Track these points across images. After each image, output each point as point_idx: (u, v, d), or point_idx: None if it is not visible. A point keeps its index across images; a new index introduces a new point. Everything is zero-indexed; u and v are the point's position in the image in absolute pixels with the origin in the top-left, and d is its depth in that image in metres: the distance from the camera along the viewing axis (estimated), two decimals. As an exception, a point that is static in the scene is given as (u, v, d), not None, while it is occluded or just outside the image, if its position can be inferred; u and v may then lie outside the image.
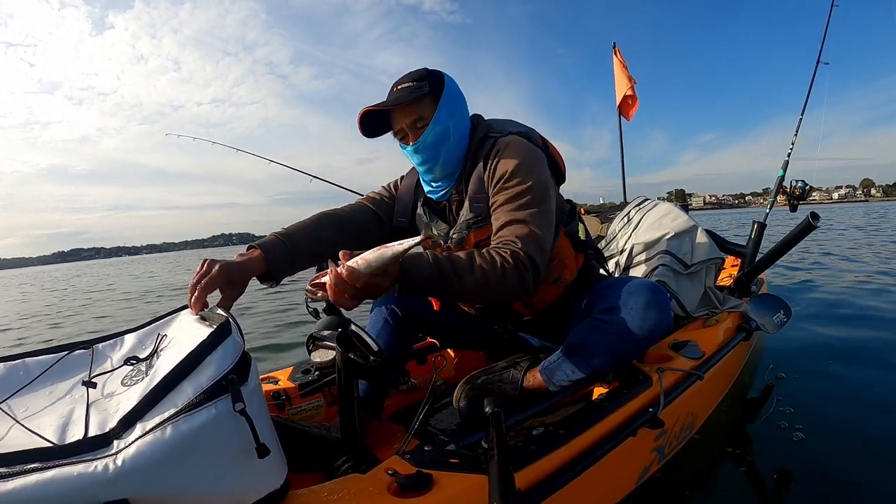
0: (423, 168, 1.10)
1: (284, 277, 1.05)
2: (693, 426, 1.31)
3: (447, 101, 1.05)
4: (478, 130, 1.11)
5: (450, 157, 1.08)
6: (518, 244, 0.93)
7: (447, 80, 1.07)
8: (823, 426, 1.45)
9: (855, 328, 2.57)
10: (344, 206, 1.21)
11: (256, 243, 1.03)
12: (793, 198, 1.95)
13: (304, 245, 1.06)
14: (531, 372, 1.18)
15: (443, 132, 1.05)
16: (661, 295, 1.04)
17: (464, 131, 1.09)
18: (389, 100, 1.04)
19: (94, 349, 0.91)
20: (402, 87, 1.04)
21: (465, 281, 0.87)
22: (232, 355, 0.66)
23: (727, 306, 1.71)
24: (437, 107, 1.04)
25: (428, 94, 1.03)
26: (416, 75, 1.05)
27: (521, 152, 1.03)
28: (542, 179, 1.02)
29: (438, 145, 1.06)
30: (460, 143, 1.08)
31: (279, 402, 1.29)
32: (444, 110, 1.04)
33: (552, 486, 0.79)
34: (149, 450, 0.56)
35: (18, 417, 0.70)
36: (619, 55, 3.78)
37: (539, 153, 1.07)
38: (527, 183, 0.99)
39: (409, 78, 1.05)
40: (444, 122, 1.04)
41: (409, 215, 1.20)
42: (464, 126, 1.09)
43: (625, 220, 1.97)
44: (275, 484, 0.68)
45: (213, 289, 0.88)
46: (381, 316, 1.30)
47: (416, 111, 1.04)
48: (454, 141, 1.07)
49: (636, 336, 1.01)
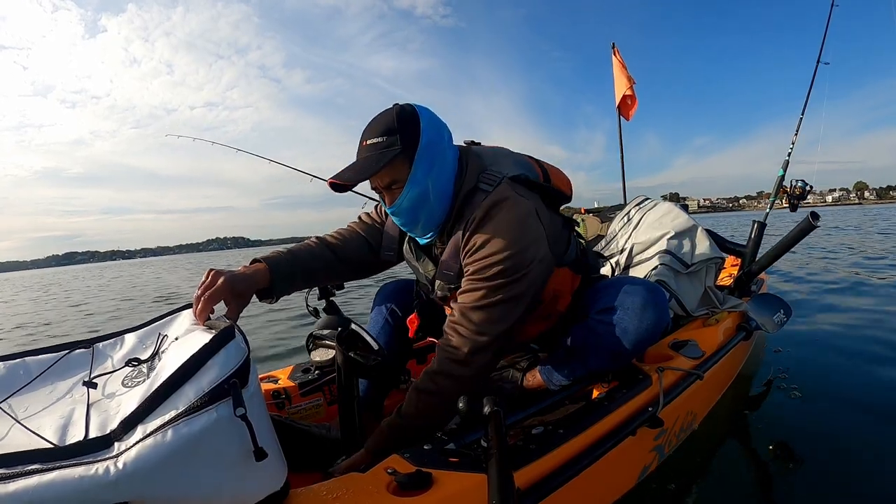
0: (405, 229, 1.04)
1: (283, 295, 1.02)
2: (693, 425, 1.31)
3: (423, 157, 0.92)
4: (466, 175, 0.98)
5: (430, 217, 0.98)
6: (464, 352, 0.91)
7: (423, 126, 0.92)
8: (824, 426, 1.45)
9: (858, 326, 2.57)
10: (337, 231, 1.16)
11: (261, 257, 1.01)
12: (793, 197, 1.95)
13: (305, 266, 1.05)
14: (531, 371, 1.18)
15: (420, 194, 0.94)
16: (658, 295, 1.04)
17: (445, 184, 0.97)
18: (356, 167, 0.92)
19: (94, 349, 0.91)
20: (371, 143, 0.91)
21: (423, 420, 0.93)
22: (235, 359, 0.66)
23: (727, 306, 1.71)
24: (413, 165, 0.92)
25: (400, 153, 0.90)
26: (385, 127, 0.91)
27: (506, 226, 0.91)
28: (523, 258, 0.91)
29: (417, 209, 0.96)
30: (441, 199, 0.97)
31: (279, 402, 1.29)
32: (420, 170, 0.92)
33: (551, 485, 0.80)
34: (150, 453, 0.56)
35: (19, 417, 0.70)
36: (618, 55, 3.77)
37: (527, 217, 0.94)
38: (504, 274, 0.90)
39: (377, 131, 0.91)
40: (421, 182, 0.93)
41: (395, 249, 1.13)
42: (445, 178, 0.96)
43: (625, 220, 1.97)
44: (275, 485, 0.68)
45: (217, 300, 0.87)
46: (382, 315, 1.30)
47: (389, 175, 0.93)
48: (434, 200, 0.96)
49: (634, 336, 1.01)
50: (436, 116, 0.97)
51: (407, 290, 1.30)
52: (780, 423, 1.49)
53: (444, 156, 0.96)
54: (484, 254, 0.91)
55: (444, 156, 0.96)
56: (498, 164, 1.01)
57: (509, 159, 1.06)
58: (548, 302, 1.06)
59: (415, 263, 1.10)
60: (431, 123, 0.94)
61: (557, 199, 1.10)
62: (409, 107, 0.94)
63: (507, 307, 0.92)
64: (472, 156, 1.02)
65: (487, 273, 0.90)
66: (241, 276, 0.93)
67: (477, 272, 0.92)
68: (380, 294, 1.34)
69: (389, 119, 0.92)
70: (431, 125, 0.94)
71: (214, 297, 0.86)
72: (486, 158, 1.03)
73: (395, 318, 1.29)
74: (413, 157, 0.91)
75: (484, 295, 0.91)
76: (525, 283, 0.92)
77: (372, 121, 0.94)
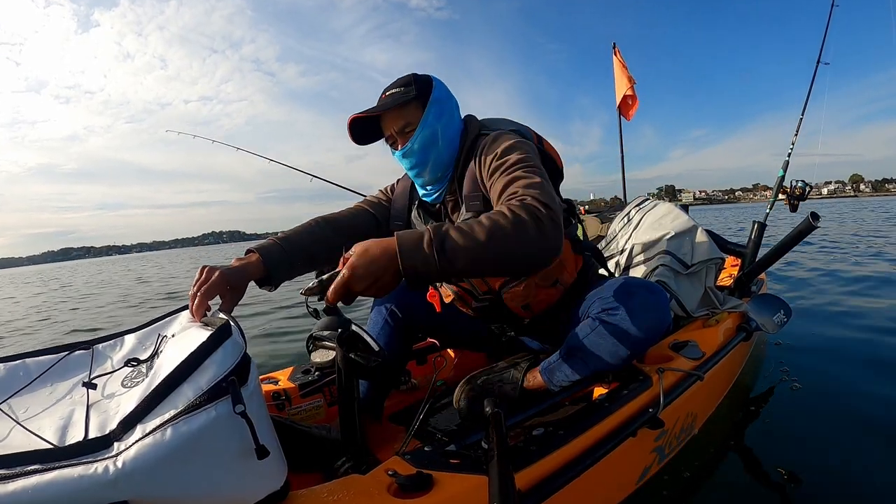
0: (413, 172, 1.11)
1: (283, 281, 1.04)
2: (693, 426, 1.31)
3: (435, 104, 1.04)
4: (469, 131, 1.10)
5: (439, 160, 1.07)
6: (522, 193, 0.84)
7: (435, 83, 1.06)
8: (825, 426, 1.45)
9: (862, 325, 2.57)
10: (342, 210, 1.21)
11: (255, 247, 1.02)
12: (793, 198, 1.95)
13: (302, 249, 1.06)
14: (531, 372, 1.18)
15: (430, 136, 1.04)
16: (659, 295, 1.04)
17: (453, 134, 1.09)
18: (376, 106, 1.04)
19: (94, 350, 0.91)
20: (390, 93, 1.04)
21: (476, 245, 0.74)
22: (232, 357, 0.66)
23: (727, 306, 1.70)
24: (425, 111, 1.03)
25: (414, 99, 1.03)
26: (404, 80, 1.05)
27: (508, 138, 1.02)
28: (532, 156, 0.98)
29: (427, 149, 1.05)
30: (449, 145, 1.08)
31: (279, 403, 1.29)
32: (431, 114, 1.04)
33: (552, 486, 0.79)
34: (149, 452, 0.56)
35: (19, 418, 0.70)
36: (618, 55, 3.78)
37: (529, 143, 1.05)
38: (517, 153, 0.97)
39: (396, 84, 1.05)
40: (432, 125, 1.04)
41: (404, 219, 1.20)
42: (453, 129, 1.09)
43: (625, 220, 1.97)
44: (275, 485, 0.68)
45: (213, 295, 0.88)
46: (382, 316, 1.30)
47: (404, 117, 1.04)
48: (443, 144, 1.06)
49: (635, 337, 1.01)
50: (446, 88, 1.10)
51: (407, 291, 1.30)
52: (780, 424, 1.49)
53: (453, 111, 1.09)
54: (497, 151, 0.98)
55: (453, 111, 1.09)
56: (496, 123, 1.15)
57: (506, 122, 1.17)
58: (554, 265, 1.09)
59: (423, 226, 1.14)
60: (442, 87, 1.08)
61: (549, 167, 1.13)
62: (420, 74, 1.08)
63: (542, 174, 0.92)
64: (473, 119, 1.16)
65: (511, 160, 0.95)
66: (236, 269, 0.94)
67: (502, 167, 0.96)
68: (380, 295, 1.34)
69: (407, 77, 1.06)
70: (442, 88, 1.08)
71: (210, 292, 0.87)
72: (487, 120, 1.17)
73: (395, 318, 1.29)
74: (426, 104, 1.04)
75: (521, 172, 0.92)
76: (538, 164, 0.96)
77: (393, 81, 1.07)
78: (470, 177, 1.06)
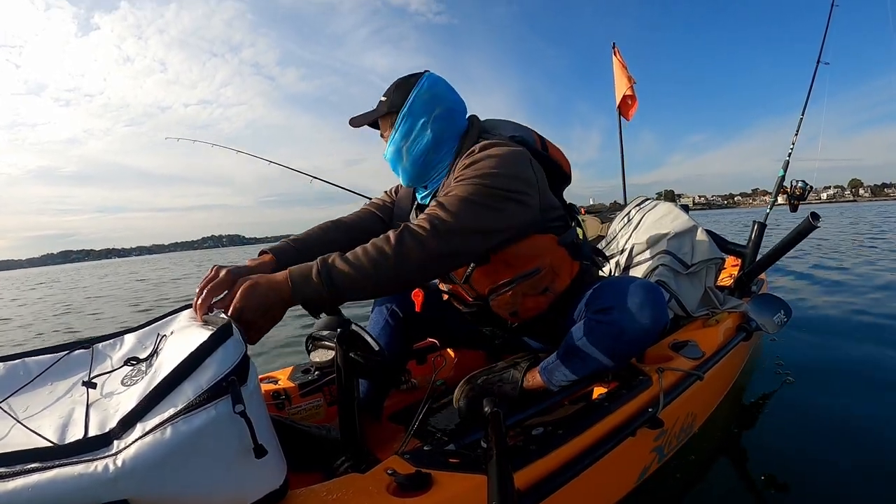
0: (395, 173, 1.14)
1: None
2: (693, 426, 1.31)
3: (402, 122, 1.04)
4: (469, 135, 1.09)
5: (406, 173, 1.10)
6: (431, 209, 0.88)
7: (413, 95, 1.03)
8: (825, 425, 1.45)
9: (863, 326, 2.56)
10: (350, 213, 1.25)
11: (268, 248, 1.04)
12: (793, 198, 1.95)
13: (314, 250, 1.04)
14: (531, 372, 1.18)
15: (396, 152, 1.07)
16: (656, 294, 1.03)
17: (424, 153, 1.06)
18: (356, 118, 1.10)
19: (93, 349, 0.91)
20: (380, 99, 1.08)
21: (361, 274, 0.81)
22: (233, 357, 0.66)
23: (727, 306, 1.70)
24: (393, 126, 1.06)
25: (386, 113, 1.06)
26: (391, 87, 1.07)
27: (494, 155, 0.95)
28: (516, 170, 0.94)
29: (394, 161, 1.09)
30: (417, 164, 1.07)
31: (279, 402, 1.29)
32: (397, 132, 1.05)
33: (551, 485, 0.79)
34: (149, 450, 0.56)
35: (19, 417, 0.70)
36: (618, 55, 3.78)
37: (521, 153, 1.00)
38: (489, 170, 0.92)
39: (388, 89, 1.08)
40: (397, 143, 1.06)
41: (406, 219, 1.20)
42: (424, 148, 1.06)
43: (625, 220, 1.97)
44: (274, 484, 0.68)
45: (220, 292, 0.86)
46: (382, 316, 1.30)
47: (383, 126, 1.09)
48: (409, 162, 1.07)
49: (632, 336, 1.01)
50: (437, 90, 1.06)
51: (407, 291, 1.30)
52: (780, 423, 1.49)
53: (424, 129, 1.05)
54: (470, 166, 0.95)
55: (424, 129, 1.05)
56: (497, 129, 1.11)
57: (510, 126, 1.13)
58: (545, 273, 1.09)
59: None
60: (423, 96, 1.04)
61: (554, 171, 1.12)
62: (414, 77, 1.07)
63: (482, 209, 0.89)
64: (475, 123, 1.13)
65: (470, 176, 0.92)
66: (246, 269, 0.94)
67: (461, 178, 0.94)
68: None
69: (398, 81, 1.07)
70: (422, 97, 1.04)
71: (216, 288, 0.86)
72: (487, 125, 1.14)
73: (396, 318, 1.29)
74: (395, 120, 1.05)
75: (464, 189, 0.90)
76: (505, 201, 0.91)
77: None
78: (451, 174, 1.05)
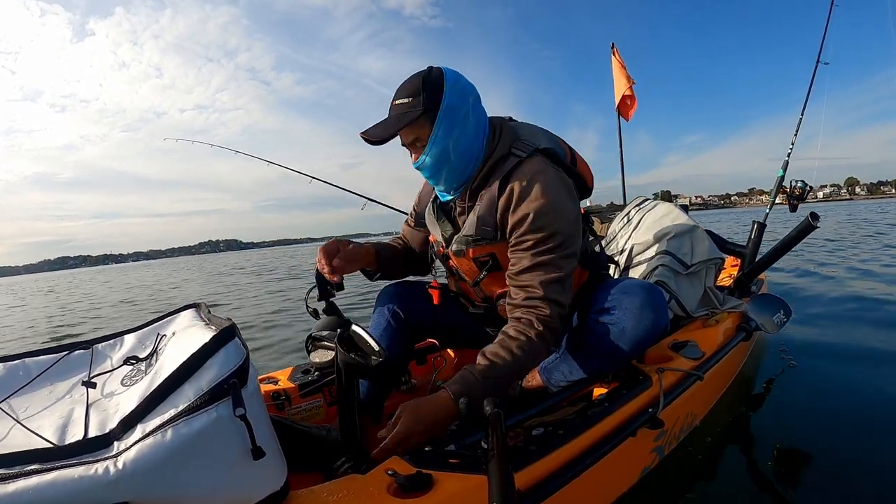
0: (431, 182, 1.10)
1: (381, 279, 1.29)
2: (693, 426, 1.31)
3: (445, 118, 0.96)
4: (499, 142, 1.03)
5: (453, 174, 1.03)
6: (540, 293, 0.95)
7: (447, 88, 0.96)
8: (826, 424, 1.45)
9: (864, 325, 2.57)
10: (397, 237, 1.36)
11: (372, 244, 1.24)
12: (793, 198, 1.95)
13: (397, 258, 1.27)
14: (531, 372, 1.18)
15: (441, 153, 0.99)
16: (656, 296, 1.03)
17: (469, 145, 1.01)
18: (383, 125, 0.99)
19: (93, 349, 0.91)
20: (398, 103, 0.98)
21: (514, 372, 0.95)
22: (234, 359, 0.66)
23: (727, 306, 1.71)
24: (434, 126, 0.96)
25: (423, 114, 0.95)
26: (412, 89, 0.96)
27: (546, 192, 0.96)
28: (569, 220, 0.98)
29: (439, 165, 1.01)
30: (464, 159, 1.02)
31: (279, 403, 1.29)
32: (441, 130, 0.97)
33: (552, 486, 0.79)
34: (150, 453, 0.56)
35: (19, 417, 0.70)
36: (617, 55, 3.77)
37: (566, 186, 1.01)
38: (552, 228, 0.96)
39: (405, 92, 0.97)
40: (442, 142, 0.98)
41: (423, 213, 1.22)
42: (467, 138, 1.00)
43: (625, 220, 1.97)
44: (275, 485, 0.68)
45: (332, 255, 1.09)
46: (384, 318, 1.29)
47: (413, 132, 0.98)
48: (456, 159, 1.01)
49: (631, 337, 1.00)
50: (462, 81, 1.00)
51: (408, 293, 1.30)
52: (780, 423, 1.49)
53: (466, 120, 1.00)
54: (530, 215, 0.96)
55: (466, 120, 1.00)
56: (532, 136, 1.06)
57: (543, 135, 1.09)
58: None
59: (434, 222, 1.16)
60: (456, 87, 0.98)
61: (579, 185, 1.11)
62: (436, 70, 0.99)
63: (567, 258, 0.98)
64: (506, 126, 1.08)
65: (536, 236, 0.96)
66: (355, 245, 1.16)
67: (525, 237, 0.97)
68: (382, 296, 1.34)
69: (416, 82, 0.97)
70: (455, 89, 0.98)
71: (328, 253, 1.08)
72: (521, 130, 1.08)
73: (398, 319, 1.29)
74: (434, 118, 0.96)
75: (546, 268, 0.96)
76: (574, 239, 1.00)
77: (403, 82, 1.00)
78: (489, 198, 1.01)
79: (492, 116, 1.09)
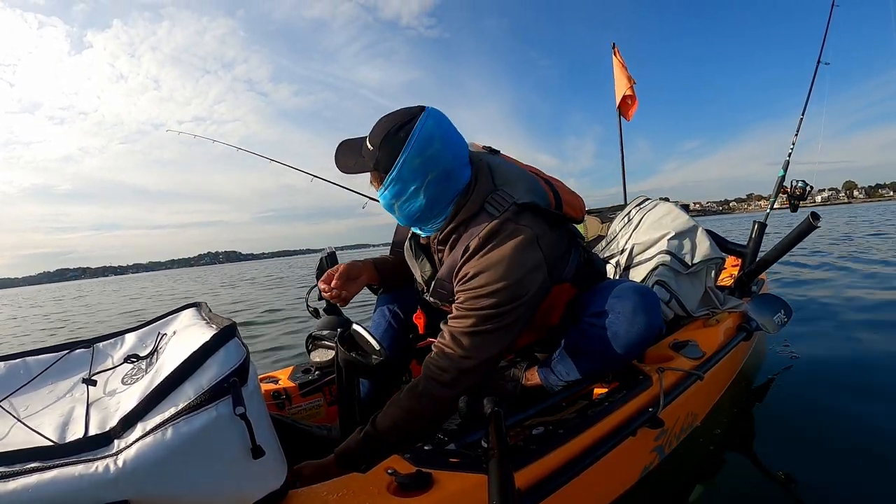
0: None
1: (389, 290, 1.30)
2: (693, 426, 1.31)
3: (391, 184, 0.93)
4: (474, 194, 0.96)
5: (402, 220, 1.02)
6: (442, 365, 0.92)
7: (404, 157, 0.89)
8: (826, 424, 1.45)
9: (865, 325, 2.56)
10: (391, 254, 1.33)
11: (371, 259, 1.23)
12: (793, 198, 1.95)
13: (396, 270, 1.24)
14: (530, 371, 1.18)
15: (388, 206, 0.99)
16: (650, 299, 1.02)
17: (421, 215, 0.98)
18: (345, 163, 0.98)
19: (94, 348, 0.91)
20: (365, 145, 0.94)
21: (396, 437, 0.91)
22: (235, 357, 0.66)
23: (728, 306, 1.71)
24: (381, 185, 0.94)
25: (373, 170, 0.94)
26: (376, 138, 0.92)
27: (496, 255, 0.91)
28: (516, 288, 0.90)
29: (389, 210, 1.00)
30: (410, 217, 0.99)
31: (279, 402, 1.29)
32: (387, 192, 0.94)
33: (552, 485, 0.79)
34: (150, 451, 0.56)
35: (19, 416, 0.70)
36: (618, 55, 3.77)
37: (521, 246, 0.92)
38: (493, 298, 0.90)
39: (372, 137, 0.93)
40: (387, 200, 0.96)
41: (404, 238, 1.18)
42: (418, 210, 0.96)
43: (625, 220, 1.97)
44: (275, 484, 0.68)
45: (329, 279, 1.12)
46: (385, 318, 1.30)
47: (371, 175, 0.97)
48: (402, 216, 1.00)
49: (625, 340, 1.00)
50: (431, 149, 0.91)
51: (409, 293, 1.30)
52: (781, 423, 1.49)
53: (415, 197, 0.94)
54: (475, 284, 0.92)
55: (415, 197, 0.94)
56: (510, 186, 0.98)
57: (524, 184, 1.00)
58: (541, 313, 1.04)
59: (413, 262, 1.12)
60: (415, 160, 0.90)
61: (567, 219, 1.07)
62: (404, 128, 0.90)
63: (496, 335, 0.92)
64: (484, 172, 0.99)
65: (478, 304, 0.91)
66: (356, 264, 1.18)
67: (468, 300, 0.93)
68: (382, 296, 1.34)
69: (382, 132, 0.91)
70: (413, 162, 0.90)
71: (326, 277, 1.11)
72: (499, 177, 1.00)
73: (398, 320, 1.29)
74: (384, 177, 0.93)
75: (474, 323, 0.91)
76: (517, 313, 0.93)
77: (381, 119, 0.95)
78: (449, 265, 0.98)
79: (473, 151, 1.04)
